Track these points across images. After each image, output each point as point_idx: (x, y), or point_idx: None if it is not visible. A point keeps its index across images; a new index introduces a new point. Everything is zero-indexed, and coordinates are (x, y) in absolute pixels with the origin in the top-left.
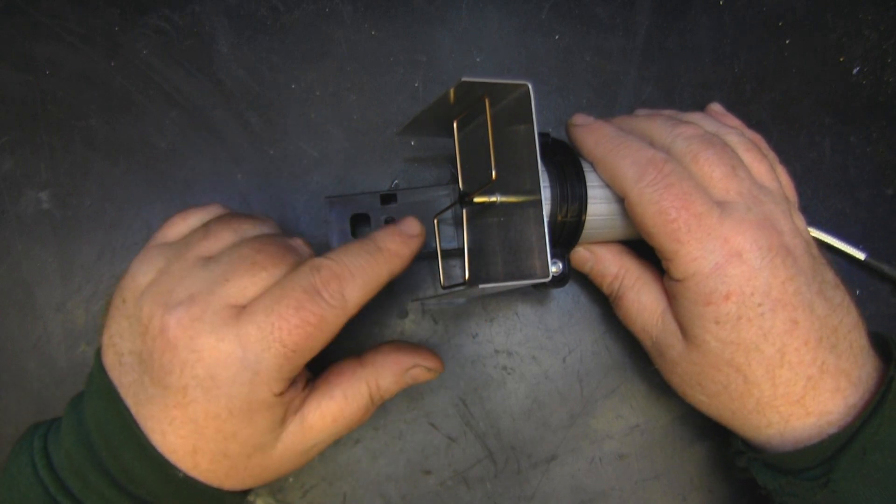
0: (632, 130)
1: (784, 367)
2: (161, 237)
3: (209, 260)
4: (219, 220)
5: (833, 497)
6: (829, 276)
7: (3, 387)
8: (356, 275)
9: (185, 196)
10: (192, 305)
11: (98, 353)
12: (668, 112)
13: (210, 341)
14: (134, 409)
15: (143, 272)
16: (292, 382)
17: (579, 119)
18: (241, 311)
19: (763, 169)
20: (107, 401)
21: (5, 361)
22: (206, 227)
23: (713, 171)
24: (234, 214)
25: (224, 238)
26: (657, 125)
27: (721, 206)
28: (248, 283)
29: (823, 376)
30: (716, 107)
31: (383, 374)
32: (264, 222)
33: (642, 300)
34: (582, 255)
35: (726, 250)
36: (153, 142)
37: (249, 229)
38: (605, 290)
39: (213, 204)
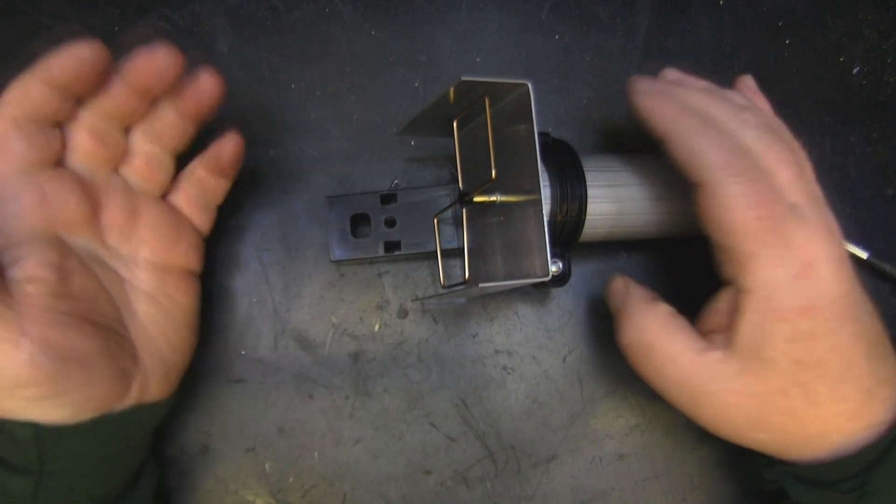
0: (689, 106)
1: (847, 383)
2: None
3: None
4: None
5: None
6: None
7: None
8: None
9: None
10: None
11: None
12: (703, 83)
13: None
14: None
15: None
16: None
17: (645, 85)
18: None
19: (811, 168)
20: None
21: None
22: None
23: (783, 171)
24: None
25: None
26: (718, 105)
27: (792, 209)
28: None
29: (878, 387)
30: (749, 82)
31: None
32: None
33: (673, 351)
34: (616, 287)
35: (801, 259)
36: None
37: None
38: (622, 336)
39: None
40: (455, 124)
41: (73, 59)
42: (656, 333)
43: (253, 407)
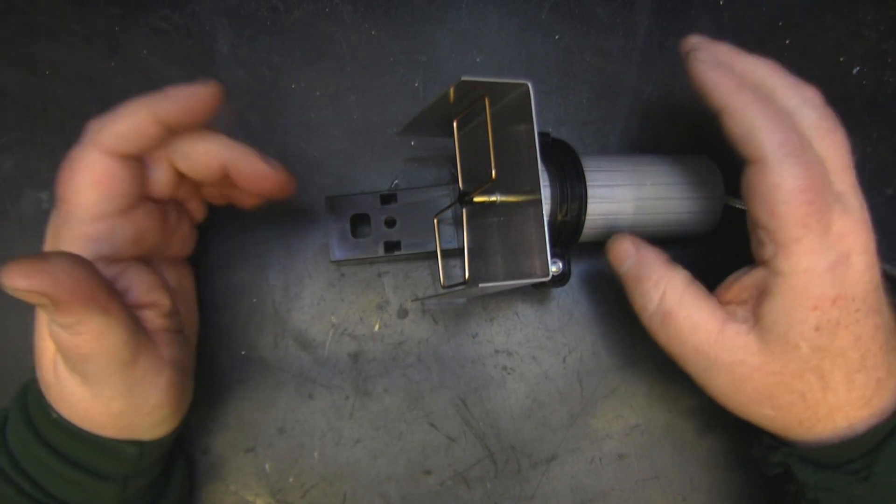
0: (750, 79)
1: (861, 372)
2: None
3: None
4: None
5: (873, 491)
6: None
7: (3, 386)
8: None
9: None
10: None
11: None
12: (725, 47)
13: None
14: None
15: None
16: None
17: (706, 54)
18: None
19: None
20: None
21: (5, 361)
22: None
23: (836, 158)
24: None
25: None
26: (780, 80)
27: (837, 198)
28: None
29: (889, 377)
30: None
31: None
32: None
33: (695, 318)
34: (625, 249)
35: (841, 249)
36: None
37: None
38: (639, 300)
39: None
40: (455, 124)
41: (194, 99)
42: (679, 299)
43: (253, 407)
